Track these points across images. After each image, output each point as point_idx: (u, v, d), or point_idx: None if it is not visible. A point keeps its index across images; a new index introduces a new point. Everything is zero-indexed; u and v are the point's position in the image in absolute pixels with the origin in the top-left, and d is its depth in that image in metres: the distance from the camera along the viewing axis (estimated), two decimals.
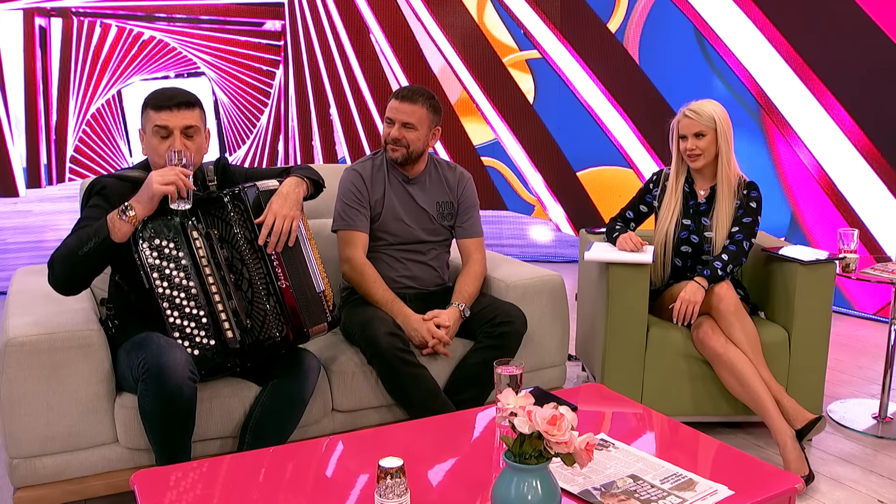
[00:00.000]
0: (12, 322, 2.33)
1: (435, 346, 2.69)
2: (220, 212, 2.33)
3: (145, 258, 2.29)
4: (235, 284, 2.33)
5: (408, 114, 2.83)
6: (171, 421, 2.19)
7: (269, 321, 2.32)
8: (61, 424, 2.29)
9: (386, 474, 1.57)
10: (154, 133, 2.35)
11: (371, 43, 6.21)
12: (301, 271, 2.40)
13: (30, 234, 5.64)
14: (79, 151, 5.72)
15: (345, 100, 6.22)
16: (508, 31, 6.18)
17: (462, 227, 3.02)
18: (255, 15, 6.04)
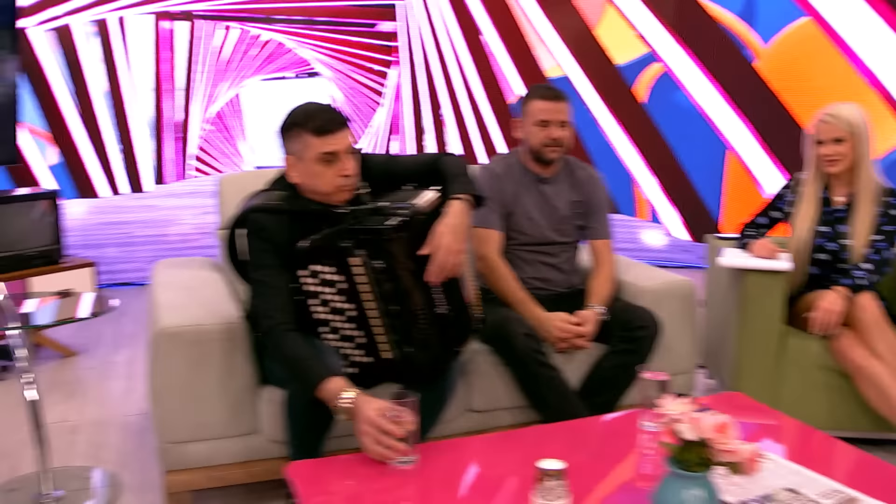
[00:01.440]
0: (163, 313, 2.42)
1: (572, 342, 2.68)
2: (382, 239, 2.17)
3: (304, 283, 2.23)
4: (395, 312, 2.23)
5: (563, 112, 2.85)
6: (315, 421, 2.22)
7: (426, 345, 2.28)
8: (209, 413, 2.38)
9: (546, 476, 1.58)
10: (318, 160, 2.22)
11: (483, 44, 6.22)
12: (457, 295, 2.36)
13: (154, 228, 5.86)
14: (201, 149, 5.91)
15: (456, 100, 6.26)
16: (623, 31, 6.11)
17: (593, 227, 3.01)
18: (370, 16, 6.14)
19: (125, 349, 4.38)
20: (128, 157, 5.75)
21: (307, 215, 2.28)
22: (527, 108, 2.90)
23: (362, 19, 6.09)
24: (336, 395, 2.02)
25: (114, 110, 5.63)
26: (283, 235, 2.23)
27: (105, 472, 2.91)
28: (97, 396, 3.68)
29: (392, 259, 2.19)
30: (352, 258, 2.17)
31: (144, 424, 3.34)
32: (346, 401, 1.99)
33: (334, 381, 2.04)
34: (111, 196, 5.75)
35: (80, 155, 5.57)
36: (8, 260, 3.99)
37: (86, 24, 5.46)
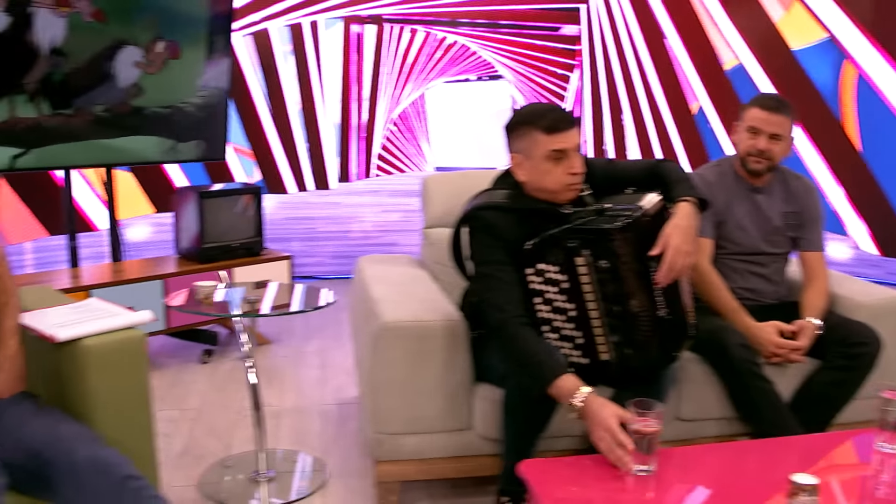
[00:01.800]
0: (383, 307, 2.50)
1: (786, 355, 2.60)
2: (608, 240, 2.21)
3: (529, 284, 2.27)
4: (618, 312, 2.25)
5: (777, 125, 2.75)
6: (532, 420, 2.25)
7: (646, 347, 2.28)
8: (425, 407, 2.43)
9: (801, 491, 1.54)
10: (547, 158, 2.25)
11: (666, 48, 6.10)
12: (677, 297, 2.32)
13: (338, 225, 6.07)
14: (384, 149, 6.07)
15: (637, 104, 6.16)
16: (810, 32, 5.85)
17: (806, 239, 2.90)
18: (553, 20, 6.13)
19: (315, 340, 4.55)
20: (314, 155, 5.97)
21: (533, 214, 2.31)
22: (744, 113, 2.83)
23: (546, 22, 6.09)
24: (571, 393, 2.03)
25: (303, 110, 5.87)
26: (511, 233, 2.27)
27: (311, 456, 3.03)
28: (294, 384, 3.85)
29: (616, 260, 2.20)
30: (577, 258, 2.21)
31: (342, 413, 3.47)
32: (580, 399, 2.01)
33: (569, 378, 2.06)
34: (297, 192, 5.98)
35: (272, 152, 5.84)
36: (216, 250, 4.22)
37: (281, 28, 5.71)
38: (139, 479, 1.80)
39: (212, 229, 4.21)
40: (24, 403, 1.96)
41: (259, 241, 4.42)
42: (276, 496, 2.70)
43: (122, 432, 1.96)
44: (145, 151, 4.29)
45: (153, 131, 4.27)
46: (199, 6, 4.28)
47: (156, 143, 4.30)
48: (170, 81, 4.24)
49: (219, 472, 2.88)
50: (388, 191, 6.13)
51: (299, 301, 2.79)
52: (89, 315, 2.10)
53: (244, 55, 5.65)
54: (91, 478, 1.77)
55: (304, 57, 5.83)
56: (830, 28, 5.75)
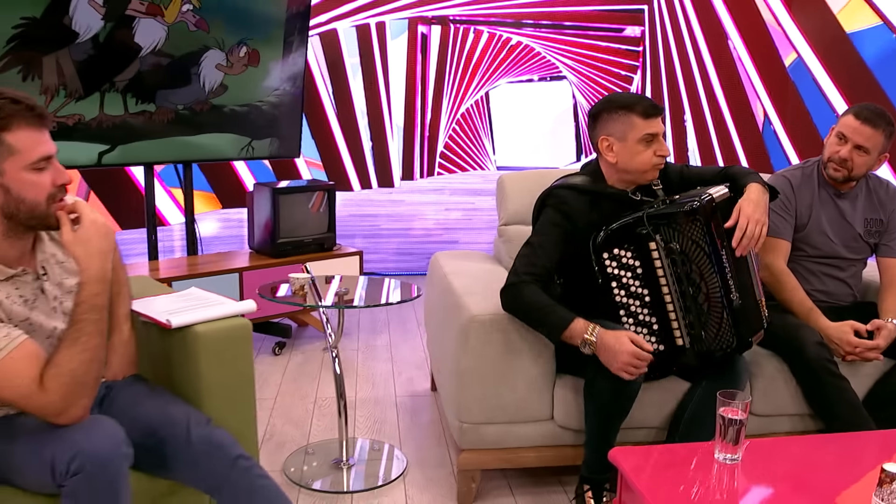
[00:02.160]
0: (470, 301, 2.58)
1: (861, 354, 2.63)
2: (679, 224, 2.35)
3: (607, 269, 2.42)
4: (692, 297, 2.38)
5: (866, 137, 2.75)
6: (614, 408, 2.34)
7: (721, 332, 2.38)
8: (509, 397, 2.51)
9: (891, 479, 1.58)
10: (641, 140, 2.42)
11: (728, 49, 6.10)
12: (748, 282, 2.44)
13: (400, 222, 6.17)
14: (447, 148, 6.16)
15: (699, 106, 6.17)
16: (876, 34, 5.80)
17: (888, 245, 2.91)
18: (616, 21, 6.17)
19: (382, 334, 4.65)
20: (379, 153, 6.08)
21: (605, 198, 2.48)
22: (840, 118, 2.85)
23: (609, 24, 6.13)
24: (584, 331, 2.28)
25: (368, 108, 5.98)
26: (581, 214, 2.45)
27: (390, 445, 3.12)
28: (366, 376, 3.95)
29: (687, 243, 2.35)
30: (650, 242, 2.36)
31: (415, 405, 3.56)
32: (594, 334, 2.28)
33: (579, 321, 2.30)
34: (361, 190, 6.10)
35: (338, 150, 5.96)
36: (289, 245, 4.35)
37: (348, 28, 5.83)
38: (249, 459, 1.91)
39: (286, 225, 4.33)
40: (136, 385, 2.07)
41: (331, 236, 4.53)
42: (360, 483, 2.80)
43: (227, 415, 2.06)
44: (223, 148, 4.43)
45: (230, 129, 4.41)
46: (278, 9, 4.41)
47: (233, 140, 4.44)
48: (248, 82, 4.38)
49: (301, 459, 2.99)
50: (451, 189, 6.22)
51: (388, 293, 2.91)
52: (194, 303, 2.21)
53: (311, 55, 5.77)
54: (204, 457, 1.87)
55: (371, 57, 5.94)
56: None
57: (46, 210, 1.74)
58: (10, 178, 1.68)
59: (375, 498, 2.71)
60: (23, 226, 1.75)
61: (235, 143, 4.45)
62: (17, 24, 3.47)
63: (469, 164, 6.20)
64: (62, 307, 1.88)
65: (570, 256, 2.45)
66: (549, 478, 2.81)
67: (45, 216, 1.74)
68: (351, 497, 2.71)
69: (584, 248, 2.43)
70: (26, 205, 1.71)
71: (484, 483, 2.75)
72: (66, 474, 1.61)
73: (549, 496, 2.71)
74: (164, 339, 2.12)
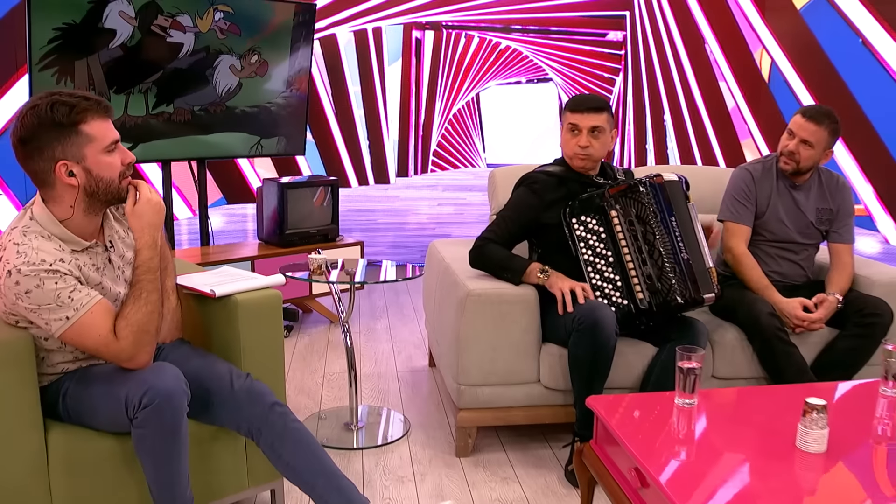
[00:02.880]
0: (466, 280, 2.95)
1: (807, 326, 3.00)
2: (636, 195, 2.84)
3: (575, 232, 2.89)
4: (648, 254, 2.82)
5: (810, 133, 3.12)
6: (597, 365, 2.70)
7: (674, 286, 2.78)
8: (501, 362, 2.88)
9: (813, 409, 1.95)
10: (567, 129, 2.99)
11: (705, 52, 6.49)
12: (696, 248, 2.85)
13: (396, 216, 6.53)
14: (440, 146, 6.53)
15: (678, 107, 6.56)
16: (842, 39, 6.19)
17: (837, 232, 3.28)
18: (599, 26, 6.54)
19: (382, 319, 5.01)
20: (375, 151, 6.44)
21: (574, 180, 3.01)
22: (792, 117, 3.22)
23: (593, 29, 6.51)
24: (538, 271, 2.87)
25: (364, 109, 6.34)
26: (551, 192, 2.99)
27: (393, 410, 3.48)
28: (369, 355, 4.30)
29: (644, 209, 2.83)
30: (611, 210, 2.86)
31: (415, 379, 3.92)
32: (545, 272, 2.86)
33: (534, 264, 2.91)
34: (357, 186, 6.46)
35: (337, 148, 6.32)
36: (296, 236, 4.70)
37: (346, 33, 6.18)
38: (283, 406, 2.27)
39: (293, 217, 4.68)
40: (183, 347, 2.43)
41: (335, 228, 4.89)
42: (369, 441, 3.16)
43: (261, 371, 2.41)
44: (234, 146, 4.78)
45: (242, 128, 4.76)
46: (287, 17, 4.76)
47: (243, 139, 4.79)
48: (258, 85, 4.73)
49: (315, 422, 3.34)
50: (444, 185, 6.59)
51: (392, 272, 3.29)
52: (229, 278, 2.56)
53: (312, 59, 6.12)
54: (245, 404, 2.23)
55: (368, 60, 6.30)
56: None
57: (119, 185, 2.10)
58: (90, 162, 2.03)
59: (383, 453, 3.06)
60: (100, 202, 2.10)
61: (246, 141, 4.80)
62: (58, 26, 3.82)
63: (461, 161, 6.57)
64: (124, 275, 2.23)
65: (541, 228, 2.98)
66: (535, 434, 3.18)
67: (119, 190, 2.10)
68: (361, 453, 3.06)
69: (555, 219, 2.93)
70: (104, 182, 2.06)
71: (479, 440, 3.12)
72: (138, 407, 1.97)
73: (536, 451, 3.08)
74: (206, 308, 2.48)
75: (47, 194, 2.06)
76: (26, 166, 2.03)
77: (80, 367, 2.19)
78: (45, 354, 2.13)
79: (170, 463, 2.08)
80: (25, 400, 2.03)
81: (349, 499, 2.18)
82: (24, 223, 2.04)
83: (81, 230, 2.11)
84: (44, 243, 2.00)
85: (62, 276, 1.98)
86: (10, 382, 1.99)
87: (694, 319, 2.93)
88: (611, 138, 3.01)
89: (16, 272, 1.93)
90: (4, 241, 2.01)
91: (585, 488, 2.43)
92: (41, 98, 2.00)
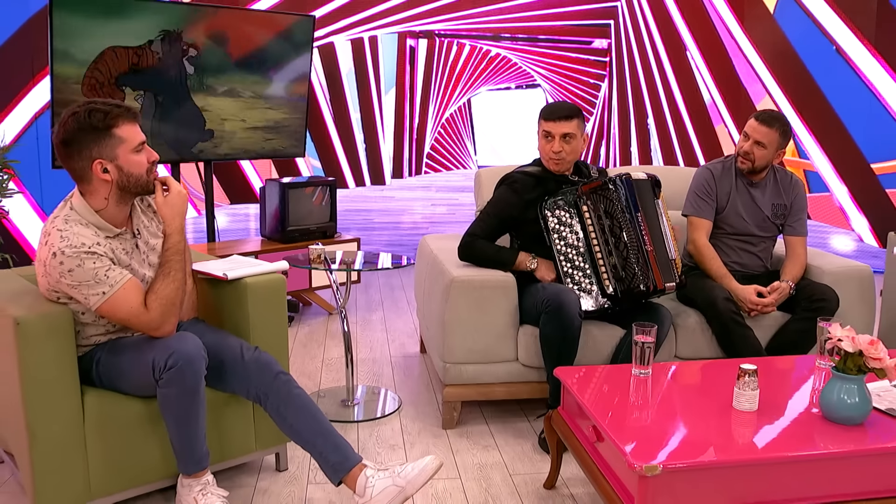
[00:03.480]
0: (451, 268, 3.27)
1: (760, 310, 3.32)
2: (606, 192, 3.15)
3: (549, 224, 3.20)
4: (615, 246, 3.12)
5: (762, 135, 3.44)
6: (564, 344, 3.02)
7: (637, 275, 3.09)
8: (482, 342, 3.20)
9: (745, 374, 2.28)
10: (541, 135, 3.30)
11: (687, 59, 6.83)
12: (661, 241, 3.15)
13: (391, 216, 6.85)
14: (433, 149, 6.85)
15: (661, 110, 6.89)
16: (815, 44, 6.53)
17: (791, 226, 3.60)
18: (585, 34, 6.87)
19: (377, 311, 5.33)
20: (371, 154, 6.76)
21: (550, 179, 3.32)
22: (748, 121, 3.54)
23: (579, 37, 6.84)
24: (527, 260, 3.25)
25: (361, 113, 6.66)
26: (530, 190, 3.30)
27: (386, 389, 3.80)
28: (365, 343, 4.62)
29: (612, 204, 3.14)
30: (583, 206, 3.17)
31: (407, 363, 4.24)
32: (534, 261, 3.23)
33: (522, 254, 3.28)
34: (354, 187, 6.78)
35: (335, 151, 6.64)
36: (297, 232, 5.02)
37: (344, 42, 6.51)
38: (287, 375, 2.58)
39: (294, 215, 5.01)
40: (198, 324, 2.75)
41: (333, 225, 5.22)
42: (364, 416, 3.47)
43: (267, 345, 2.73)
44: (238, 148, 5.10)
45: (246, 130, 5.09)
46: (289, 28, 5.08)
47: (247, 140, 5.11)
48: (261, 90, 5.06)
49: (315, 399, 3.61)
50: (437, 186, 6.91)
51: (387, 262, 3.61)
52: (238, 265, 2.88)
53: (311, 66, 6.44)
54: (254, 373, 2.55)
55: (364, 67, 6.63)
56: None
57: (147, 179, 2.43)
58: (122, 160, 2.36)
59: (376, 426, 3.38)
60: (130, 194, 2.43)
61: (250, 143, 5.12)
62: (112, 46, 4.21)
63: (453, 163, 6.90)
64: (148, 259, 2.55)
65: (521, 222, 3.30)
66: (514, 408, 3.51)
67: (147, 183, 2.44)
68: (357, 426, 3.38)
69: (533, 214, 3.24)
70: (133, 177, 2.39)
71: (463, 414, 3.44)
72: (164, 369, 2.30)
73: (515, 423, 3.39)
74: (219, 290, 2.80)
75: (85, 188, 2.39)
76: (67, 164, 2.36)
77: (110, 339, 2.51)
78: (80, 328, 2.45)
79: (189, 421, 2.41)
80: (66, 366, 2.34)
81: (345, 455, 2.49)
82: (66, 212, 2.36)
83: (113, 219, 2.43)
84: (83, 230, 2.33)
85: (99, 257, 2.31)
86: (52, 351, 2.31)
87: (659, 305, 3.25)
88: (582, 142, 3.32)
89: (60, 254, 2.26)
90: (49, 227, 2.34)
91: (554, 450, 2.76)
92: (80, 106, 2.33)
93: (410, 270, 6.47)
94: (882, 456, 2.12)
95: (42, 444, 2.31)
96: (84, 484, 2.41)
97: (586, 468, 2.37)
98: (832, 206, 6.70)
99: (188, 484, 2.50)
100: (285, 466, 2.95)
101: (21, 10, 5.29)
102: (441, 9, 6.59)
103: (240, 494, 2.76)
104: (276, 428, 2.75)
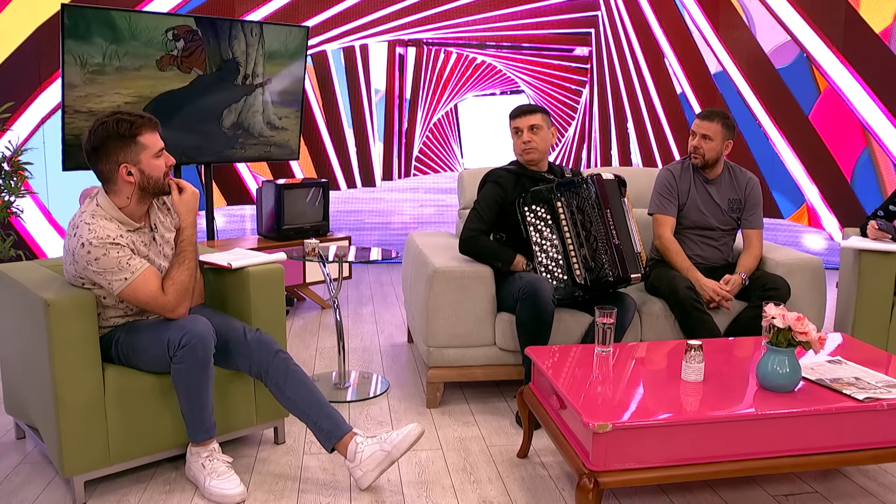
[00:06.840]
0: (435, 260, 3.57)
1: (720, 301, 3.63)
2: (578, 190, 3.45)
3: (527, 218, 3.50)
4: (585, 239, 3.43)
5: (706, 128, 3.78)
6: (538, 328, 3.32)
7: (605, 266, 3.39)
8: (462, 328, 3.50)
9: (692, 348, 2.59)
10: (513, 134, 3.68)
11: (665, 66, 7.15)
12: (627, 235, 3.45)
13: (381, 217, 7.15)
14: (422, 152, 7.16)
15: (640, 115, 7.21)
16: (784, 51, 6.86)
17: (747, 219, 3.91)
18: (567, 42, 7.19)
19: (367, 306, 5.63)
20: (362, 157, 7.07)
21: (528, 176, 3.65)
22: (694, 120, 3.87)
23: (561, 45, 7.15)
24: (522, 263, 3.52)
25: (352, 118, 6.96)
26: (510, 186, 3.61)
27: (376, 374, 4.10)
28: (355, 334, 4.92)
29: (583, 201, 3.45)
30: (557, 202, 3.47)
31: (395, 352, 4.53)
32: (530, 266, 3.49)
33: (519, 256, 3.53)
34: (346, 189, 7.07)
35: (327, 154, 6.94)
36: (292, 231, 5.32)
37: (336, 50, 6.81)
38: (286, 353, 2.88)
39: (289, 214, 5.31)
40: (205, 309, 3.04)
41: (326, 224, 5.52)
42: (354, 396, 3.77)
43: (267, 327, 3.03)
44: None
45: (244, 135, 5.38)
46: (284, 38, 5.39)
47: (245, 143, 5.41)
48: (258, 96, 5.35)
49: None
50: (425, 188, 7.21)
51: (377, 255, 3.90)
52: (241, 256, 3.17)
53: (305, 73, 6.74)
54: (256, 351, 2.84)
55: (355, 74, 6.93)
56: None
57: (164, 181, 2.73)
58: (143, 164, 2.67)
59: (366, 406, 3.68)
60: (149, 194, 2.73)
61: (247, 147, 5.42)
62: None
63: (441, 166, 7.20)
64: (163, 252, 2.85)
65: (505, 215, 3.58)
66: (492, 389, 3.82)
67: (164, 185, 2.74)
68: (348, 405, 3.67)
69: (512, 208, 3.54)
70: (153, 179, 2.70)
71: (445, 394, 3.74)
72: (178, 346, 2.60)
73: (493, 402, 3.70)
74: (223, 279, 3.10)
75: (110, 188, 2.70)
76: (95, 167, 2.68)
77: (127, 321, 2.81)
78: (101, 311, 2.75)
79: (199, 393, 2.71)
80: (89, 344, 2.64)
81: (337, 424, 2.79)
82: (92, 208, 2.67)
83: (134, 215, 2.74)
84: (107, 224, 2.63)
85: (121, 247, 2.61)
86: (77, 330, 2.60)
87: (625, 294, 3.56)
88: (551, 134, 3.66)
89: (88, 244, 2.56)
90: (77, 220, 2.64)
91: (526, 422, 3.07)
92: (108, 116, 2.65)
93: (398, 269, 6.78)
94: (807, 417, 2.42)
95: (69, 413, 2.60)
96: (104, 449, 2.70)
97: (552, 433, 2.67)
98: (802, 204, 7.02)
99: (196, 451, 2.80)
100: (283, 439, 3.24)
101: (29, 18, 5.58)
102: (429, 18, 6.90)
103: (242, 464, 3.05)
104: (275, 403, 3.07)
